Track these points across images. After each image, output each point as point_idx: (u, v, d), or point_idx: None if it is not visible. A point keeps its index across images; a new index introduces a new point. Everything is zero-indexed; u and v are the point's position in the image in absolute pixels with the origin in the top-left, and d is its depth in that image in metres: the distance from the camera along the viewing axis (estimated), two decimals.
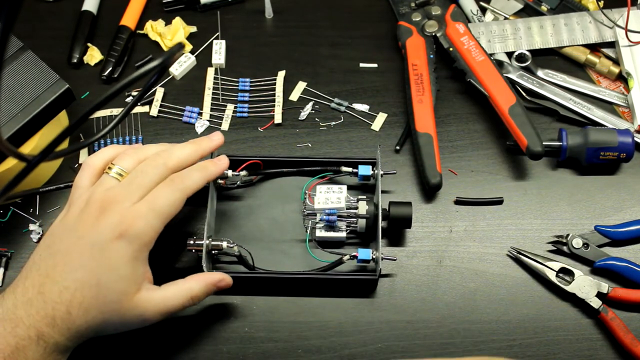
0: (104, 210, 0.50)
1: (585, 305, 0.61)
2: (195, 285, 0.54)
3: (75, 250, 0.50)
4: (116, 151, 0.55)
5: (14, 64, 0.62)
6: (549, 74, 0.72)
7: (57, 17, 0.76)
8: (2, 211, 0.65)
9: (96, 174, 0.54)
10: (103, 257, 0.49)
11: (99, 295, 0.49)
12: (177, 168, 0.54)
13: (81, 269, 0.49)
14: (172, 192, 0.52)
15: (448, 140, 0.69)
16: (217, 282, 0.56)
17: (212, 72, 0.73)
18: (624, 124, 0.69)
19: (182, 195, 0.53)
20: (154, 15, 0.76)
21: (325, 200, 0.61)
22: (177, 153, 0.55)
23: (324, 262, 0.61)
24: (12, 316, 0.48)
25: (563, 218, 0.65)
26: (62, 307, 0.48)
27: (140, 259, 0.51)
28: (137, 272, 0.51)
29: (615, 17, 0.72)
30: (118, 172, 0.53)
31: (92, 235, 0.50)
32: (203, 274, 0.56)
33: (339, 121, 0.70)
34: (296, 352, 0.60)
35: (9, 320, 0.48)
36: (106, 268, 0.49)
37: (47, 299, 0.48)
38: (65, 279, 0.49)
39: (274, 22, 0.77)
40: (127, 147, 0.56)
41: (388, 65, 0.73)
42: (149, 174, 0.53)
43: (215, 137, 0.58)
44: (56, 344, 0.49)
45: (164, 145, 0.57)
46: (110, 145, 0.58)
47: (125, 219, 0.50)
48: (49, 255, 0.50)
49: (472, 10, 0.75)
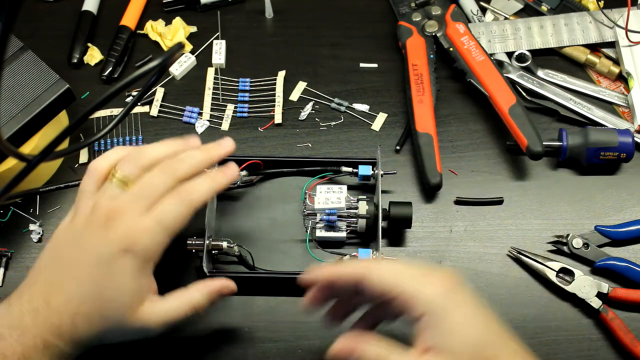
0: (109, 221, 0.49)
1: (585, 305, 0.61)
2: (197, 294, 0.53)
3: (81, 262, 0.49)
4: (121, 154, 0.53)
5: (14, 64, 0.62)
6: (549, 74, 0.72)
7: (57, 17, 0.76)
8: (2, 211, 0.65)
9: (101, 178, 0.53)
10: (108, 270, 0.49)
11: (103, 307, 0.49)
12: (185, 177, 0.52)
13: (87, 281, 0.49)
14: (179, 205, 0.50)
15: (448, 140, 0.69)
16: (220, 290, 0.54)
17: (212, 72, 0.73)
18: (624, 124, 0.69)
19: (189, 209, 0.51)
20: (154, 15, 0.76)
21: (325, 200, 0.61)
22: (186, 162, 0.52)
23: (324, 262, 0.61)
24: (18, 324, 0.48)
25: (563, 218, 0.65)
26: (68, 318, 0.48)
27: (145, 272, 0.50)
28: (142, 285, 0.50)
29: (616, 17, 0.72)
30: (121, 179, 0.51)
31: (98, 248, 0.49)
32: (205, 282, 0.54)
33: (339, 121, 0.70)
34: (296, 352, 0.60)
35: (15, 328, 0.48)
36: (111, 281, 0.49)
37: (53, 309, 0.48)
38: (71, 289, 0.49)
39: (274, 22, 0.77)
40: (130, 150, 0.54)
41: (388, 65, 0.73)
42: (156, 184, 0.51)
43: (225, 144, 0.56)
44: (61, 352, 0.49)
45: (167, 145, 0.54)
46: (115, 147, 0.56)
47: (131, 232, 0.49)
48: (55, 263, 0.50)
49: (472, 10, 0.75)
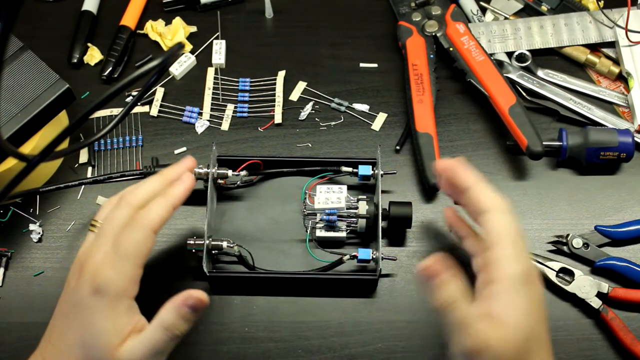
0: (81, 268, 0.49)
1: (585, 305, 0.61)
2: (165, 314, 0.49)
3: (65, 314, 0.50)
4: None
5: (14, 64, 0.62)
6: (549, 74, 0.72)
7: (57, 17, 0.76)
8: (2, 211, 0.65)
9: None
10: (83, 315, 0.48)
11: (86, 354, 0.48)
12: (143, 204, 0.51)
13: (69, 331, 0.49)
14: (134, 231, 0.49)
15: (448, 140, 0.69)
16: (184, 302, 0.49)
17: (212, 72, 0.73)
18: (624, 124, 0.69)
19: (146, 232, 0.50)
20: (154, 15, 0.76)
21: (325, 200, 0.61)
22: (141, 189, 0.52)
23: (324, 262, 0.61)
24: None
25: (563, 218, 0.65)
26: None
27: (120, 309, 0.48)
28: (118, 323, 0.48)
29: (615, 17, 0.72)
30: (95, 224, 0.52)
31: (74, 296, 0.49)
32: (169, 300, 0.50)
33: (339, 121, 0.70)
34: (296, 352, 0.60)
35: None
36: (87, 326, 0.48)
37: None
38: (60, 343, 0.49)
39: (274, 22, 0.77)
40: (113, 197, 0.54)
41: (388, 65, 0.73)
42: (115, 219, 0.50)
43: (184, 161, 0.56)
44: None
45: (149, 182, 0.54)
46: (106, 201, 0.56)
47: (95, 270, 0.48)
48: (51, 320, 0.51)
49: (472, 10, 0.75)
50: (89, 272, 0.48)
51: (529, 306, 0.47)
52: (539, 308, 0.48)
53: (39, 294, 0.62)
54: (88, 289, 0.48)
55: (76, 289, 0.49)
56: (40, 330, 0.51)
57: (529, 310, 0.47)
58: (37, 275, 0.63)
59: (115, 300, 0.48)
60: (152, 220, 0.50)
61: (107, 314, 0.48)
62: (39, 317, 0.60)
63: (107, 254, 0.49)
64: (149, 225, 0.50)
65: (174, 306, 0.49)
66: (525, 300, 0.47)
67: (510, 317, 0.46)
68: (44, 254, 0.64)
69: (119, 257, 0.48)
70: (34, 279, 0.63)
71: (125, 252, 0.49)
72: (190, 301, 0.49)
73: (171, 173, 0.55)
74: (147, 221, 0.50)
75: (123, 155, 0.68)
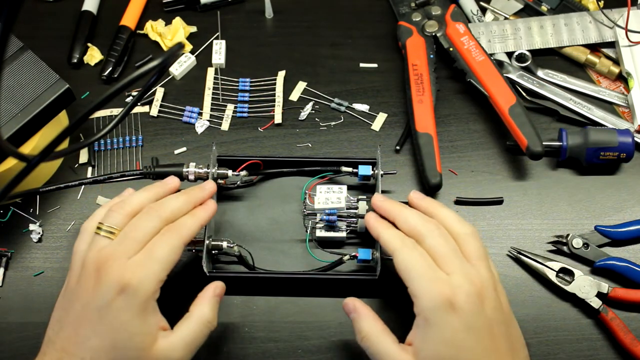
0: (100, 270, 0.49)
1: (585, 305, 0.61)
2: (204, 309, 0.53)
3: (84, 319, 0.48)
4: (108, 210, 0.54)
5: (14, 64, 0.62)
6: (549, 74, 0.72)
7: (57, 17, 0.76)
8: (2, 211, 0.65)
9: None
10: (111, 317, 0.48)
11: (116, 358, 0.48)
12: (171, 219, 0.53)
13: (93, 336, 0.48)
14: (170, 239, 0.51)
15: (448, 140, 0.69)
16: (214, 292, 0.54)
17: (212, 72, 0.73)
18: (624, 124, 0.69)
19: (180, 243, 0.52)
20: (154, 15, 0.76)
21: (325, 200, 0.61)
22: (170, 204, 0.54)
23: (324, 262, 0.61)
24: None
25: (563, 218, 0.65)
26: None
27: (149, 309, 0.49)
28: (149, 323, 0.49)
29: (615, 17, 0.72)
30: (108, 230, 0.51)
31: (95, 299, 0.48)
32: (201, 295, 0.54)
33: (339, 121, 0.70)
34: (296, 352, 0.60)
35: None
36: (117, 328, 0.48)
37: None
38: (81, 349, 0.48)
39: (274, 22, 0.77)
40: (113, 202, 0.55)
41: (388, 65, 0.73)
42: (144, 227, 0.51)
43: (208, 186, 0.58)
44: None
45: (148, 192, 0.55)
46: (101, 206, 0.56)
47: (123, 272, 0.48)
48: (60, 328, 0.50)
49: (472, 10, 0.75)
50: (112, 274, 0.48)
51: (449, 336, 0.48)
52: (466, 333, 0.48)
53: (39, 294, 0.62)
54: (113, 290, 0.48)
55: (98, 293, 0.48)
56: (40, 330, 0.51)
57: (448, 340, 0.47)
58: (37, 275, 0.63)
59: (145, 301, 0.49)
60: (186, 235, 0.53)
61: (138, 314, 0.48)
62: (38, 317, 0.60)
63: (137, 257, 0.49)
64: (182, 237, 0.52)
65: (209, 300, 0.53)
66: (442, 331, 0.48)
67: (424, 351, 0.48)
68: (44, 254, 0.64)
69: (153, 260, 0.50)
70: (34, 279, 0.63)
71: (160, 256, 0.50)
72: (218, 290, 0.54)
73: (197, 195, 0.56)
74: (182, 234, 0.52)
75: (123, 155, 0.68)
